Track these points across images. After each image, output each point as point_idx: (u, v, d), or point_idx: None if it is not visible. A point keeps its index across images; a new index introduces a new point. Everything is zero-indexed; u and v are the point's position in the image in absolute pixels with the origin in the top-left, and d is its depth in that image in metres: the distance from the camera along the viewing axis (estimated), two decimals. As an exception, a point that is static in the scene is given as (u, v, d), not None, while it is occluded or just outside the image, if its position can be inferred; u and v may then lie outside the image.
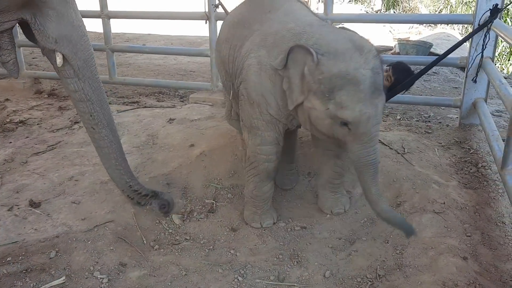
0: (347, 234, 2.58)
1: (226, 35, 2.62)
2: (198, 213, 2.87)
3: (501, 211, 2.57)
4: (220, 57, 2.71)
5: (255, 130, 2.47)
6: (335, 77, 2.03)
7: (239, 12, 2.70)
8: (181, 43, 8.56)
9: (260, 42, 2.38)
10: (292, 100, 2.24)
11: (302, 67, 2.14)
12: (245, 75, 2.41)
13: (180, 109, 4.25)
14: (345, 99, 2.03)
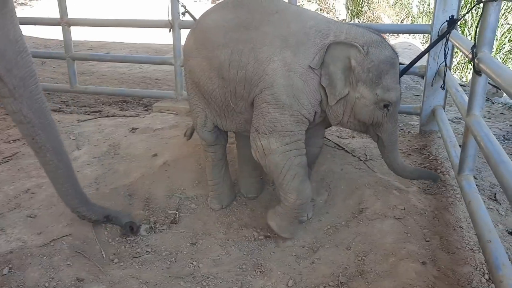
0: (310, 242, 2.59)
1: (223, 40, 2.41)
2: (160, 224, 2.81)
3: (459, 215, 2.63)
4: (212, 63, 2.46)
5: (280, 132, 2.39)
6: (383, 63, 2.27)
7: (231, 16, 2.44)
8: (146, 51, 8.46)
9: (281, 44, 2.33)
10: (335, 95, 2.34)
11: (345, 61, 2.29)
12: (271, 81, 2.33)
13: (144, 118, 4.18)
14: (390, 82, 2.30)
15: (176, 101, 4.46)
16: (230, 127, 2.69)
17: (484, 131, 2.19)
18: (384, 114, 2.36)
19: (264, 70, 2.33)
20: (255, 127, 2.43)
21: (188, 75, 2.67)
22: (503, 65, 2.10)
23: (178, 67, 4.33)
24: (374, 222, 2.58)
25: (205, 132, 2.76)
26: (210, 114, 2.68)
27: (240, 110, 2.54)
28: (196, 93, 2.67)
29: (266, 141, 2.40)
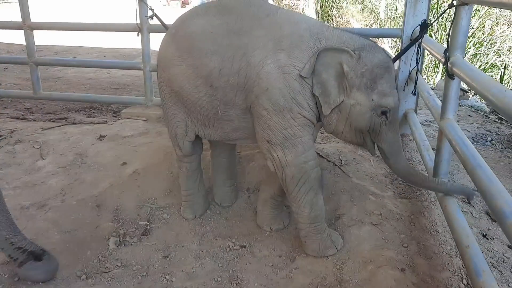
0: (288, 250, 2.52)
1: (212, 47, 2.28)
2: (130, 236, 2.69)
3: (434, 219, 2.62)
4: (200, 71, 2.31)
5: (291, 140, 2.27)
6: (376, 67, 2.18)
7: (219, 22, 2.31)
8: (114, 56, 8.29)
9: (274, 46, 2.22)
10: (329, 104, 2.24)
11: (337, 67, 2.21)
12: (266, 85, 2.21)
13: (112, 125, 4.04)
14: (385, 86, 2.20)
15: (146, 107, 4.34)
16: (214, 136, 2.55)
17: (459, 135, 2.18)
18: (382, 122, 2.24)
19: (258, 74, 2.23)
20: (265, 138, 2.32)
21: (166, 83, 2.51)
22: (476, 69, 2.10)
23: (148, 72, 4.22)
24: (351, 228, 2.54)
25: (186, 143, 2.63)
26: (191, 124, 2.55)
27: (229, 118, 2.42)
28: (175, 102, 2.52)
29: (281, 152, 2.30)
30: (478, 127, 5.07)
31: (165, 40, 2.53)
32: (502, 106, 1.52)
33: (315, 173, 2.34)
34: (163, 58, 2.50)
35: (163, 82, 2.55)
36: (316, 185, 2.36)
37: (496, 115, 5.67)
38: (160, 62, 2.54)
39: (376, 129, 2.26)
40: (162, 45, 2.54)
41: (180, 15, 2.57)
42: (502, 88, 1.59)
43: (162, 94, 2.60)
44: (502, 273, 2.26)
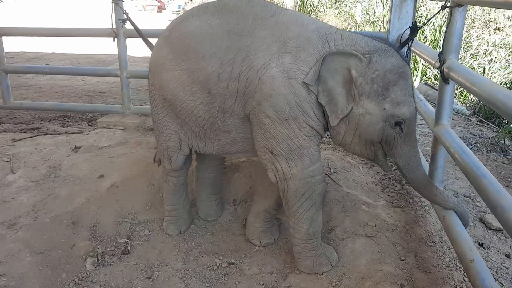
0: (279, 267, 2.37)
1: (210, 50, 2.09)
2: (110, 256, 2.50)
3: (430, 229, 2.53)
4: (196, 76, 2.13)
5: (297, 152, 2.09)
6: (389, 73, 1.98)
7: (218, 22, 2.14)
8: (89, 62, 8.03)
9: (279, 49, 2.03)
10: (337, 114, 2.05)
11: (345, 72, 2.02)
12: (269, 90, 2.02)
13: (88, 135, 3.82)
14: (399, 94, 1.99)
15: (124, 115, 4.14)
16: (210, 149, 2.34)
17: (457, 142, 2.09)
18: (396, 134, 2.03)
19: (260, 79, 2.03)
20: (268, 149, 2.13)
21: (158, 91, 2.30)
22: (475, 72, 2.01)
23: (125, 78, 4.03)
24: (346, 241, 2.41)
25: (180, 157, 2.43)
26: (185, 137, 2.35)
27: (227, 129, 2.22)
28: (168, 112, 2.31)
29: (285, 164, 2.11)
30: (461, 130, 5.05)
31: (157, 44, 2.33)
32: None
33: (321, 188, 2.18)
34: (154, 63, 2.30)
35: (154, 90, 2.34)
36: (319, 201, 2.20)
37: (477, 118, 5.68)
38: (151, 67, 2.34)
39: (390, 142, 2.06)
40: (154, 49, 2.36)
41: (176, 18, 2.38)
42: (510, 94, 1.49)
43: (154, 103, 2.38)
44: (503, 285, 2.17)
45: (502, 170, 3.81)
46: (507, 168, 3.89)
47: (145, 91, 6.19)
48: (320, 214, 2.24)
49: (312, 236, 2.23)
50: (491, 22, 9.21)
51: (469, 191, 3.05)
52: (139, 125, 4.02)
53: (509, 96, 1.48)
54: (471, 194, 3.02)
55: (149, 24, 11.83)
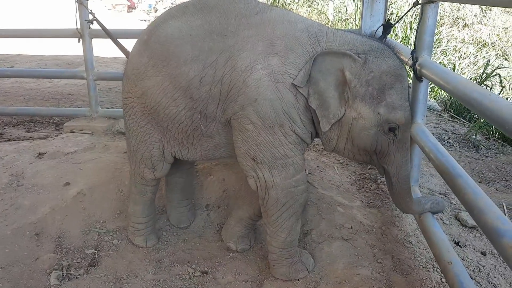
0: (254, 274, 2.29)
1: (191, 53, 1.96)
2: (76, 268, 2.37)
3: (406, 229, 2.50)
4: (178, 82, 2.00)
5: (281, 161, 1.98)
6: (386, 75, 1.86)
7: (199, 22, 2.01)
8: (57, 64, 7.78)
9: (265, 49, 1.90)
10: (328, 119, 1.92)
11: (338, 74, 1.89)
12: (254, 95, 1.89)
13: (53, 141, 3.66)
14: (395, 98, 1.87)
15: (91, 119, 3.98)
16: (193, 155, 2.23)
17: (432, 141, 2.06)
18: (390, 140, 1.93)
19: (244, 82, 1.90)
20: (250, 156, 2.01)
21: (138, 100, 2.15)
22: (449, 70, 1.98)
23: (91, 81, 3.87)
24: (322, 245, 2.36)
25: (165, 165, 2.31)
26: (167, 145, 2.22)
27: (210, 134, 2.11)
28: (149, 120, 2.17)
29: (268, 172, 2.00)
30: (434, 126, 5.08)
31: (135, 49, 2.18)
32: (488, 113, 1.37)
33: (303, 198, 2.09)
34: (134, 70, 2.13)
35: (132, 98, 2.18)
36: (299, 211, 2.11)
37: (449, 113, 5.74)
38: (130, 75, 2.16)
39: (383, 149, 1.95)
40: (132, 54, 2.20)
41: (154, 19, 2.22)
42: (485, 92, 1.46)
43: (131, 111, 2.22)
44: (481, 284, 2.15)
45: (475, 166, 3.84)
46: (479, 163, 3.92)
47: (115, 93, 6.02)
48: (299, 222, 2.16)
49: (290, 244, 2.16)
50: (460, 19, 9.36)
51: (443, 188, 3.04)
52: (107, 128, 3.87)
53: (484, 94, 1.44)
54: (446, 192, 3.01)
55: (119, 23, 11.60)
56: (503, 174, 3.65)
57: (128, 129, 2.30)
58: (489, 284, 2.17)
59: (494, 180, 3.55)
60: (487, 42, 8.68)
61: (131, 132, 2.28)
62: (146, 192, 2.44)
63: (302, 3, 13.58)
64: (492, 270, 2.27)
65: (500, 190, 3.36)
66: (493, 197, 3.09)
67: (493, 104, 1.35)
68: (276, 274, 2.22)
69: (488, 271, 2.27)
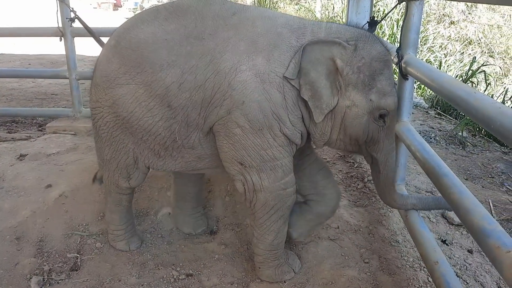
0: (239, 276, 2.26)
1: (167, 58, 1.86)
2: (57, 273, 2.31)
3: (393, 228, 2.48)
4: (153, 90, 1.90)
5: (270, 163, 1.92)
6: (375, 61, 1.84)
7: (173, 26, 1.92)
8: (41, 63, 7.65)
9: (248, 48, 1.83)
10: (321, 109, 1.86)
11: (328, 63, 1.84)
12: (241, 97, 1.82)
13: (35, 142, 3.58)
14: (385, 84, 1.86)
15: (74, 119, 3.92)
16: (173, 166, 2.13)
17: (418, 139, 2.04)
18: (380, 127, 1.89)
19: (230, 84, 1.82)
20: (237, 160, 1.94)
21: (109, 109, 2.03)
22: (434, 68, 1.96)
23: (74, 80, 3.81)
24: (309, 246, 2.33)
25: (141, 175, 2.22)
26: (141, 156, 2.12)
27: (191, 145, 2.01)
28: (123, 130, 2.06)
29: (256, 176, 1.95)
30: (421, 124, 5.09)
31: (103, 55, 2.06)
32: (473, 111, 1.35)
33: (291, 201, 2.05)
34: (103, 77, 2.01)
35: (102, 107, 2.06)
36: (287, 213, 2.07)
37: (436, 111, 5.76)
38: (98, 83, 2.04)
39: (374, 136, 1.92)
40: (100, 60, 2.07)
41: (122, 24, 2.11)
42: (470, 90, 1.43)
43: (101, 121, 2.10)
44: (467, 283, 2.14)
45: (461, 163, 3.85)
46: (465, 160, 3.92)
47: (100, 92, 5.95)
48: (286, 225, 2.12)
49: (277, 247, 2.12)
50: (446, 16, 9.42)
51: (430, 186, 3.03)
52: (91, 129, 3.79)
53: (469, 92, 1.42)
54: (433, 189, 3.00)
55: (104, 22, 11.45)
56: (489, 171, 3.66)
57: (99, 138, 2.18)
58: (475, 282, 2.17)
59: (480, 177, 3.55)
60: (473, 40, 8.74)
61: (103, 142, 2.16)
62: (122, 201, 2.36)
63: (289, 1, 13.57)
64: (478, 268, 2.27)
65: (486, 187, 3.37)
66: (480, 194, 3.09)
67: (479, 102, 1.33)
68: (262, 276, 2.19)
69: (475, 269, 2.27)
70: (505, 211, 2.90)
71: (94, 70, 2.11)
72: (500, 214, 2.86)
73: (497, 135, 1.22)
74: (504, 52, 8.70)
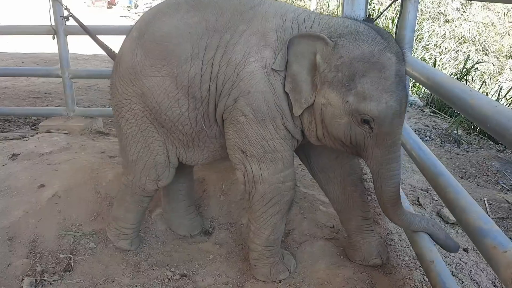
0: (234, 276, 2.24)
1: (191, 51, 1.92)
2: (50, 274, 2.28)
3: (389, 227, 2.47)
4: (180, 81, 1.95)
5: (271, 155, 1.94)
6: (357, 61, 1.71)
7: (196, 19, 1.95)
8: (34, 62, 7.60)
9: (258, 42, 1.87)
10: (300, 103, 1.85)
11: (311, 57, 1.81)
12: (247, 87, 1.86)
13: (27, 141, 3.55)
14: (368, 87, 1.70)
15: (67, 118, 3.88)
16: (199, 158, 2.17)
17: (413, 138, 2.03)
18: (366, 133, 1.77)
19: (238, 75, 1.87)
20: (240, 148, 1.97)
21: (138, 99, 2.05)
22: (429, 66, 1.94)
23: (67, 79, 3.77)
24: (304, 245, 2.31)
25: (171, 171, 2.21)
26: (172, 147, 2.14)
27: (214, 135, 2.06)
28: (152, 121, 2.08)
29: (256, 166, 1.97)
30: (416, 122, 5.10)
31: (126, 47, 2.08)
32: (469, 110, 1.34)
33: (290, 195, 2.04)
34: (129, 69, 2.04)
35: (131, 98, 2.07)
36: (285, 209, 2.07)
37: (431, 109, 5.76)
38: (124, 75, 2.07)
39: (359, 141, 1.81)
40: (124, 52, 2.09)
41: (142, 16, 2.14)
42: (466, 89, 1.42)
43: (129, 115, 2.10)
44: (463, 282, 2.14)
45: (456, 161, 3.85)
46: (461, 159, 3.93)
47: (95, 91, 5.90)
48: (284, 221, 2.12)
49: (273, 243, 2.12)
50: (441, 14, 9.43)
51: (425, 184, 3.03)
52: (84, 128, 3.78)
53: (465, 91, 1.41)
54: (428, 188, 3.00)
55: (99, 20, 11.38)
56: (484, 169, 3.67)
57: (125, 135, 2.16)
58: (471, 281, 2.16)
59: (475, 175, 3.56)
60: (467, 38, 8.76)
61: (129, 139, 2.15)
62: (144, 203, 2.35)
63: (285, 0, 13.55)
64: (474, 267, 2.27)
65: (481, 185, 3.38)
66: (475, 192, 3.09)
67: (475, 101, 1.32)
68: (257, 275, 2.18)
69: (470, 268, 2.26)
70: (500, 209, 2.90)
71: (116, 64, 2.13)
72: (495, 213, 2.86)
73: (493, 134, 1.21)
74: (498, 50, 8.73)
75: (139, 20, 2.13)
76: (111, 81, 2.17)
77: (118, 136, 2.26)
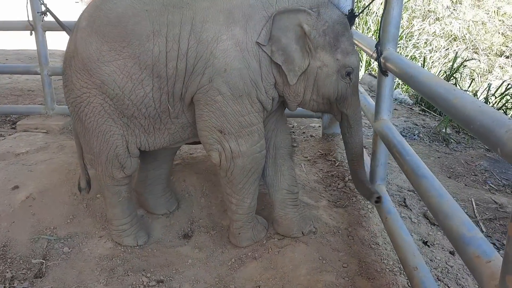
0: (213, 282, 2.15)
1: (151, 28, 1.91)
2: (20, 280, 2.18)
3: (373, 230, 2.40)
4: (143, 61, 1.93)
5: (247, 129, 2.05)
6: (337, 24, 2.01)
7: None
8: (18, 59, 7.42)
9: (226, 19, 1.94)
10: (294, 72, 2.00)
11: (296, 29, 1.98)
12: (222, 65, 1.92)
13: (4, 141, 3.43)
14: (347, 44, 2.03)
15: (46, 116, 3.77)
16: (161, 142, 2.17)
17: (397, 138, 1.95)
18: (347, 84, 2.06)
19: (212, 53, 1.92)
20: (217, 128, 2.02)
21: (97, 90, 2.00)
22: (414, 63, 1.87)
23: (46, 76, 3.67)
24: (285, 249, 2.23)
25: (133, 160, 2.20)
26: (132, 136, 2.13)
27: (176, 114, 2.08)
28: (110, 114, 2.05)
29: (234, 142, 2.05)
30: (405, 120, 5.03)
31: (78, 39, 2.00)
32: (453, 110, 1.26)
33: (263, 163, 2.19)
34: (85, 60, 1.97)
35: (90, 91, 2.02)
36: (260, 174, 2.21)
37: (420, 107, 5.71)
38: (80, 68, 2.00)
39: (343, 93, 2.07)
40: (76, 45, 2.00)
41: (88, 4, 2.06)
42: (450, 88, 1.35)
43: (87, 109, 2.05)
44: (449, 286, 2.07)
45: (445, 160, 3.79)
46: (449, 158, 3.87)
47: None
48: (258, 185, 2.25)
49: (252, 208, 2.28)
50: (431, 12, 9.40)
51: (412, 185, 2.96)
52: (64, 127, 3.66)
53: (449, 90, 1.33)
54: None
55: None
56: (472, 169, 3.60)
57: (86, 130, 2.13)
58: (457, 286, 2.10)
59: (463, 175, 3.50)
60: (458, 36, 8.73)
61: (90, 132, 2.12)
62: (121, 193, 2.30)
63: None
64: (460, 271, 2.21)
65: (469, 185, 3.31)
66: (462, 192, 3.03)
67: (458, 100, 1.25)
68: (241, 241, 2.31)
69: (457, 271, 2.20)
70: (487, 210, 2.84)
71: (70, 58, 2.05)
72: (482, 214, 2.80)
73: (477, 136, 1.13)
74: (488, 48, 8.71)
75: (85, 9, 2.07)
76: (65, 79, 2.12)
77: (81, 132, 2.20)
